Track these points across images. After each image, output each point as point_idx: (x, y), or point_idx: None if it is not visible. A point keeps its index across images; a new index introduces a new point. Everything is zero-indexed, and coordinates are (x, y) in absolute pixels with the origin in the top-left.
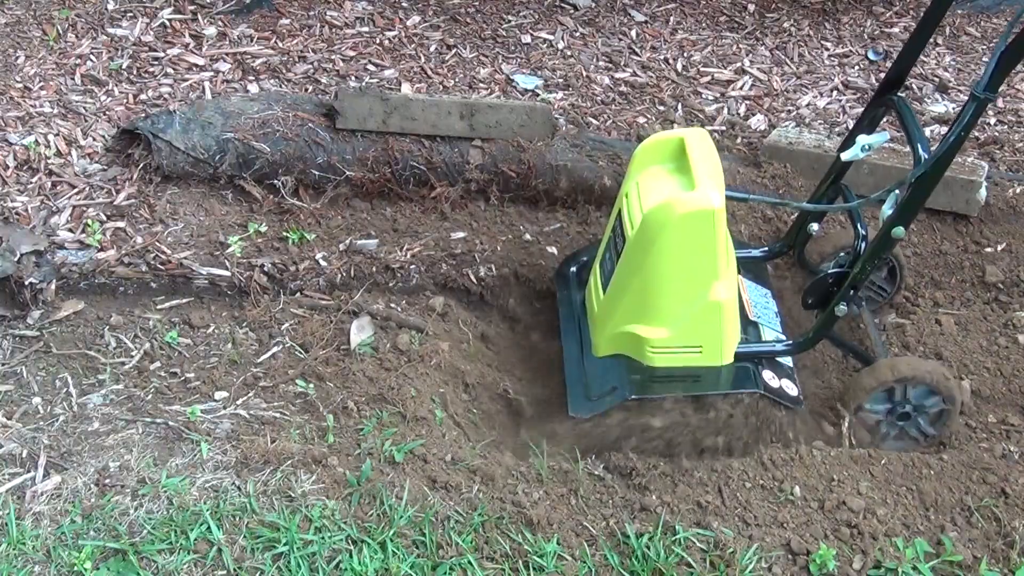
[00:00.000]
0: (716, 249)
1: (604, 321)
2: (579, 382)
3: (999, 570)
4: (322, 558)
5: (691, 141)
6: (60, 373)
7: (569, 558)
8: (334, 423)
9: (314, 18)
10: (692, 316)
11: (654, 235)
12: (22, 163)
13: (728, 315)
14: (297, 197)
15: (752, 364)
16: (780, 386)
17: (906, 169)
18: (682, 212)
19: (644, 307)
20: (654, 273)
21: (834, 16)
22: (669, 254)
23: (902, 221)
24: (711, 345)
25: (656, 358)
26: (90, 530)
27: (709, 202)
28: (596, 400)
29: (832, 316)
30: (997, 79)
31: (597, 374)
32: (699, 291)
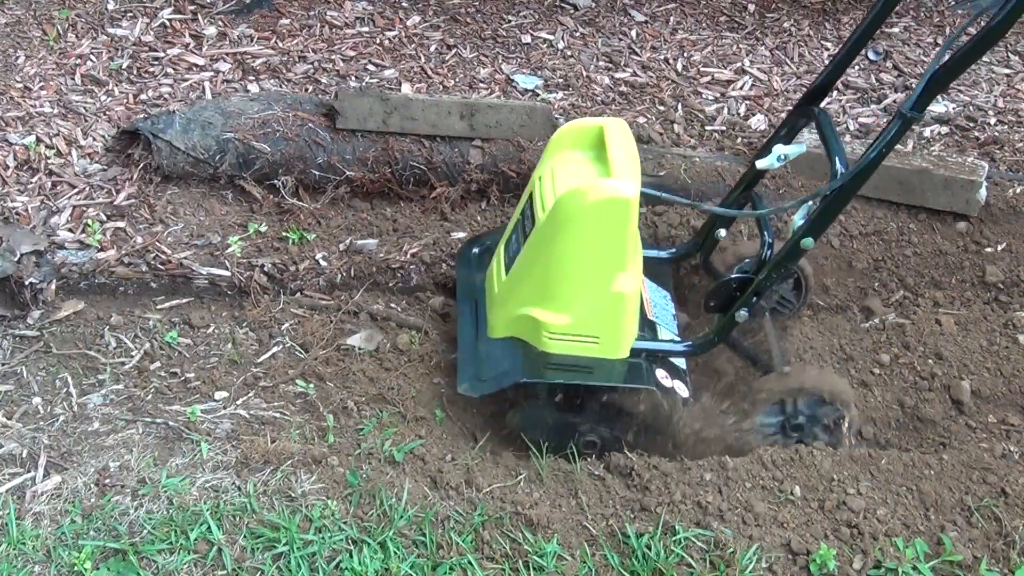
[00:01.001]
0: (626, 240)
1: (503, 303)
2: (470, 361)
3: (999, 570)
4: (322, 558)
5: (611, 130)
6: (60, 373)
7: (569, 558)
8: (334, 423)
9: (314, 18)
10: (593, 305)
11: (565, 219)
12: (22, 163)
13: (629, 308)
14: (297, 197)
15: (646, 362)
16: (672, 386)
17: (904, 170)
18: (596, 199)
19: (545, 291)
20: (560, 258)
21: (834, 16)
22: (578, 240)
23: (812, 232)
24: (609, 337)
25: (552, 344)
26: (90, 530)
27: (624, 191)
28: (486, 380)
29: (732, 321)
30: (924, 100)
31: (490, 355)
32: (603, 281)
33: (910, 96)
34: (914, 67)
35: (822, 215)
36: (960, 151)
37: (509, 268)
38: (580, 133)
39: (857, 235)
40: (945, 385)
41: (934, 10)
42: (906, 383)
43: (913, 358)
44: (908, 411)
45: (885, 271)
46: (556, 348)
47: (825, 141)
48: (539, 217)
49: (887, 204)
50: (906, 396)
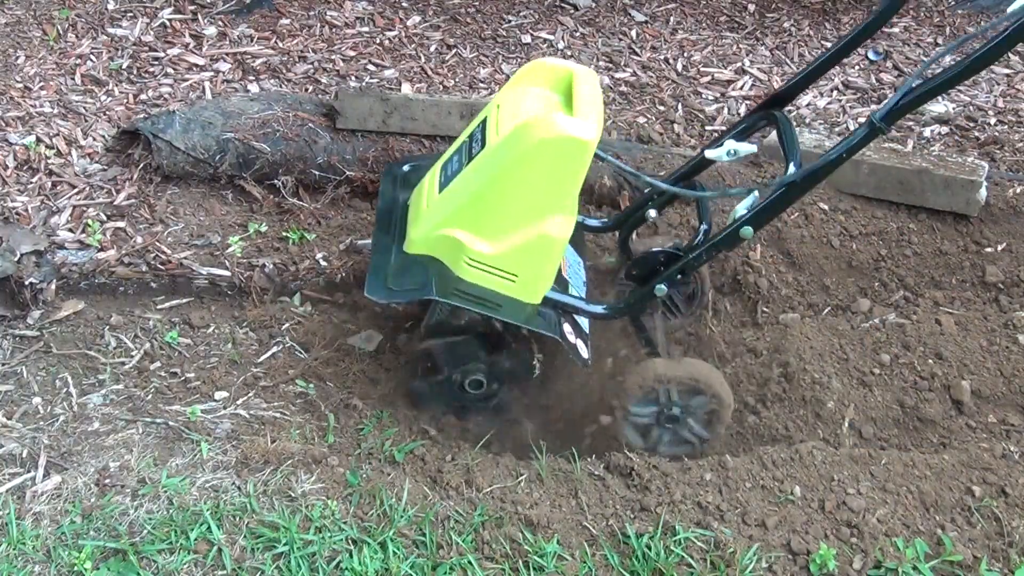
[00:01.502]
0: (574, 183)
1: (429, 219)
2: (382, 270)
3: (999, 570)
4: (322, 558)
5: (580, 76)
6: (60, 373)
7: (569, 558)
8: (334, 423)
9: (314, 18)
10: (521, 241)
11: (519, 147)
12: (22, 163)
13: (554, 254)
14: (297, 197)
15: (555, 313)
16: (576, 344)
17: (904, 170)
18: (556, 134)
19: (477, 216)
20: (503, 184)
21: (834, 16)
22: (526, 170)
23: (753, 223)
24: (528, 278)
25: (469, 271)
26: (90, 530)
27: (585, 132)
28: (396, 291)
29: (650, 293)
30: (895, 115)
31: (404, 268)
32: (538, 218)
33: (883, 106)
34: (914, 67)
35: (767, 208)
36: (960, 151)
37: (443, 186)
38: (549, 72)
39: (857, 235)
40: (945, 385)
41: (934, 10)
42: (906, 383)
43: (913, 358)
44: (908, 411)
45: (885, 271)
46: (472, 276)
47: (783, 143)
48: (491, 141)
49: (887, 204)
50: (906, 396)
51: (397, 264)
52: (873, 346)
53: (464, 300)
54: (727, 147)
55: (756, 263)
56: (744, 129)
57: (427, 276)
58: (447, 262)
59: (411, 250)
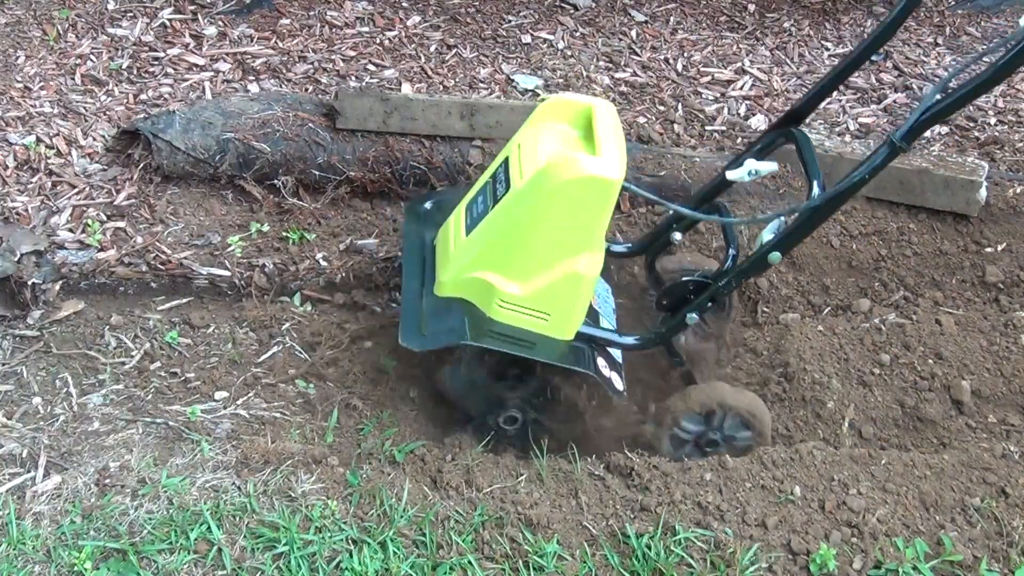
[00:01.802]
0: (601, 222)
1: (458, 262)
2: (414, 316)
3: (999, 570)
4: (322, 558)
5: (600, 111)
6: (60, 373)
7: (569, 558)
8: (334, 423)
9: (314, 18)
10: (551, 281)
11: (545, 189)
12: (22, 163)
13: (585, 291)
14: (297, 197)
15: (589, 347)
16: (611, 376)
17: (904, 170)
18: (582, 174)
19: (507, 257)
20: (530, 226)
21: (834, 16)
22: (553, 212)
23: (781, 248)
24: (560, 315)
25: (501, 312)
26: (90, 530)
27: (610, 172)
28: (428, 336)
29: (682, 322)
30: (916, 132)
31: (435, 312)
32: (567, 257)
33: (902, 126)
34: (914, 67)
35: (794, 232)
36: (960, 151)
37: (470, 228)
38: (568, 108)
39: (857, 235)
40: (945, 385)
41: (934, 10)
42: (906, 383)
43: (913, 358)
44: (908, 411)
45: (885, 271)
46: (504, 317)
47: (804, 162)
48: (515, 183)
49: (887, 204)
50: (906, 396)
51: (428, 308)
52: (873, 346)
53: (497, 342)
54: (747, 167)
55: None
56: (762, 148)
57: (459, 319)
58: (478, 304)
59: (441, 293)
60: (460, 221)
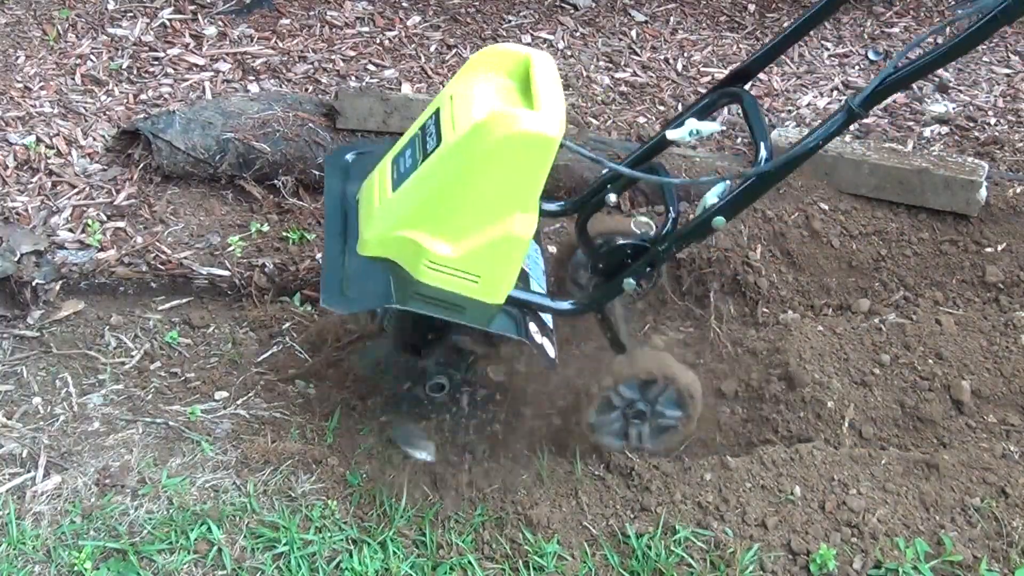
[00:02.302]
0: (538, 180)
1: (383, 220)
2: (336, 276)
3: (999, 570)
4: (322, 558)
5: (538, 63)
6: (60, 373)
7: (569, 558)
8: (334, 423)
9: (314, 18)
10: (484, 242)
11: (480, 145)
12: (22, 163)
13: (518, 253)
14: (297, 197)
15: (520, 312)
16: (543, 343)
17: (904, 170)
18: (521, 130)
19: (437, 216)
20: (463, 184)
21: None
22: (488, 169)
23: (726, 213)
24: (491, 278)
25: (429, 274)
26: (90, 530)
27: (552, 128)
28: (355, 299)
29: (618, 287)
30: (873, 100)
31: (359, 273)
32: (501, 217)
33: (860, 93)
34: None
35: (740, 196)
36: (960, 151)
37: (397, 184)
38: (505, 59)
39: (857, 235)
40: (945, 385)
41: (934, 10)
42: (906, 383)
43: (913, 358)
44: (908, 411)
45: (885, 271)
46: (432, 279)
47: (750, 124)
48: (447, 136)
49: (887, 204)
50: (906, 396)
51: (352, 269)
52: (873, 346)
53: (425, 305)
54: (689, 127)
55: (756, 263)
56: (705, 107)
57: (384, 281)
58: (405, 265)
59: (365, 252)
60: (386, 176)
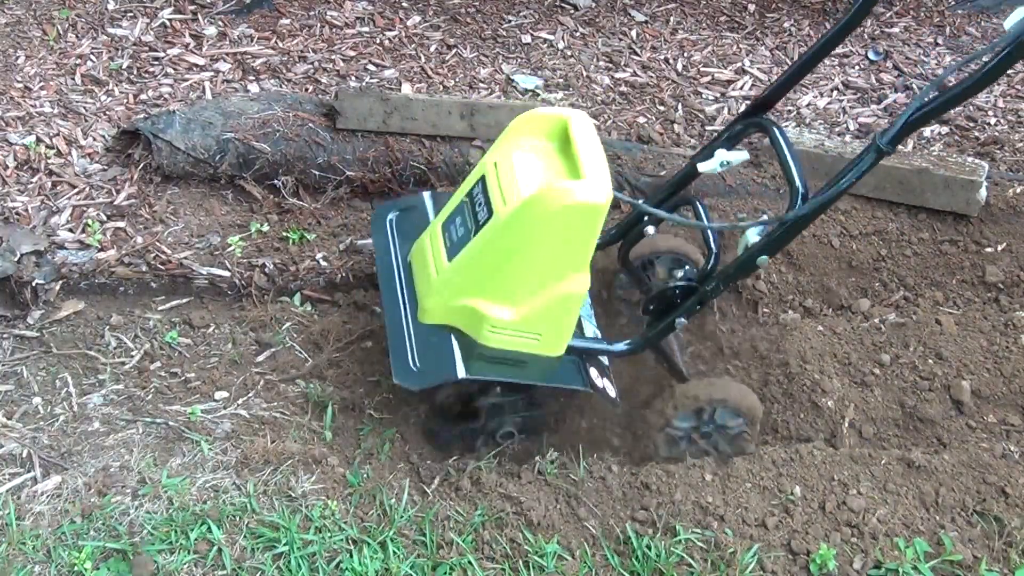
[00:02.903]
0: (590, 244)
1: (443, 289)
2: (403, 348)
3: (999, 570)
4: (322, 558)
5: (576, 125)
6: (60, 373)
7: (569, 558)
8: (334, 423)
9: (314, 18)
10: (542, 303)
11: (533, 220)
12: (22, 163)
13: (575, 309)
14: (297, 197)
15: (579, 359)
16: (603, 385)
17: (904, 170)
18: (570, 203)
19: (495, 285)
20: (520, 254)
21: (834, 16)
22: (544, 239)
23: (768, 251)
24: (551, 334)
25: (492, 338)
26: (90, 530)
27: (599, 196)
28: (425, 372)
29: (670, 327)
30: (901, 136)
31: (424, 343)
32: (558, 280)
33: (888, 130)
34: (914, 67)
35: (780, 238)
36: (960, 151)
37: (452, 253)
38: (542, 122)
39: (857, 235)
40: (945, 385)
41: (934, 10)
42: (906, 383)
43: (913, 358)
44: (908, 411)
45: (885, 271)
46: (496, 342)
47: (780, 158)
48: (498, 209)
49: (887, 204)
50: (906, 396)
51: (417, 339)
52: (873, 346)
53: (491, 369)
54: (719, 158)
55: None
56: (731, 137)
57: (451, 351)
58: (467, 331)
59: (426, 320)
60: (438, 243)
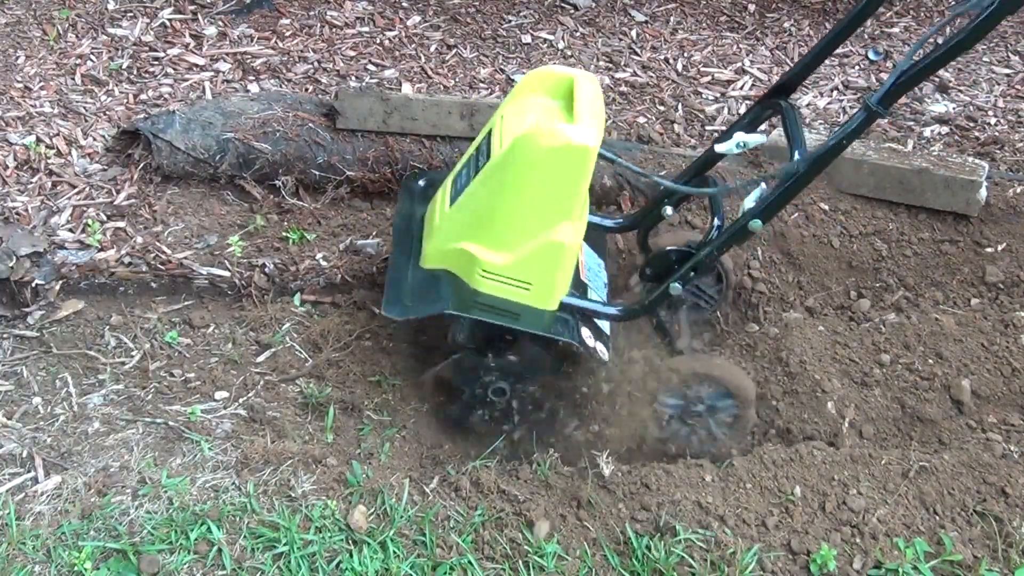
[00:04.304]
0: (578, 189)
1: (441, 234)
2: (399, 286)
3: (999, 570)
4: (322, 558)
5: (581, 82)
6: (60, 373)
7: (569, 558)
8: (334, 423)
9: (314, 18)
10: (532, 250)
11: (521, 158)
12: (22, 163)
13: (566, 260)
14: (297, 197)
15: (573, 317)
16: (595, 347)
17: (904, 170)
18: (556, 143)
19: (487, 228)
20: (509, 195)
21: (834, 16)
22: (530, 181)
23: (763, 216)
24: (542, 285)
25: (484, 283)
26: (90, 530)
27: (586, 139)
28: (412, 306)
29: (665, 292)
30: (892, 96)
31: (420, 283)
32: (547, 226)
33: (878, 91)
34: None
35: (775, 199)
36: (960, 151)
37: (454, 200)
38: (550, 80)
39: (857, 235)
40: (945, 385)
41: (934, 10)
42: (906, 383)
43: (913, 358)
44: (908, 411)
45: (885, 271)
46: (487, 288)
47: (788, 133)
48: (494, 153)
49: (887, 204)
50: (906, 396)
51: (414, 280)
52: (873, 346)
53: (482, 312)
54: (736, 139)
55: (757, 272)
56: (751, 121)
57: (442, 290)
58: (462, 275)
59: (426, 265)
60: (446, 193)
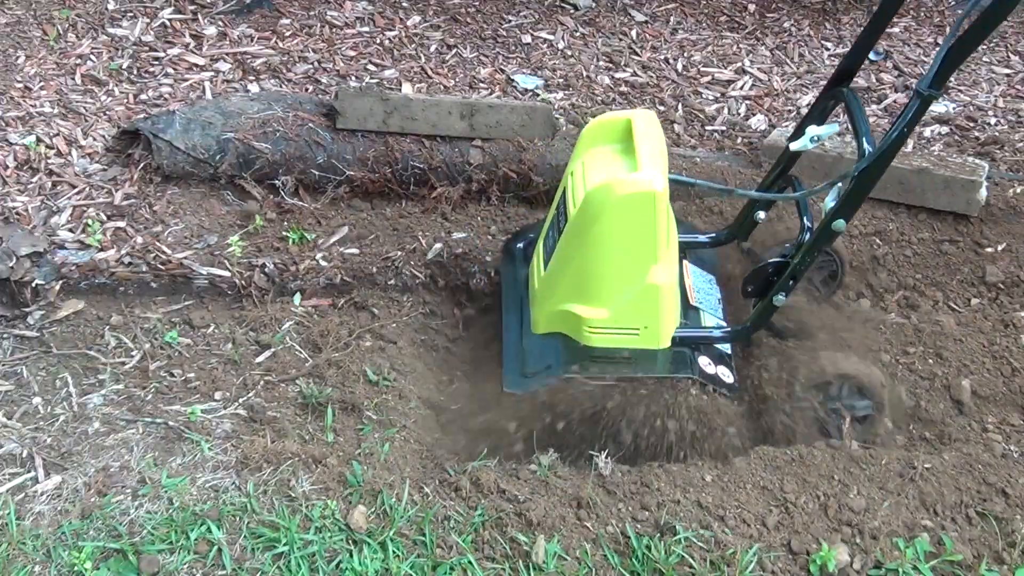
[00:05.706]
0: (656, 232)
1: (544, 298)
2: (516, 358)
3: (999, 570)
4: (322, 558)
5: (638, 122)
6: (60, 373)
7: (569, 558)
8: (334, 423)
9: (314, 18)
10: (630, 298)
11: (594, 215)
12: (22, 163)
13: (666, 299)
14: (297, 197)
15: (689, 350)
16: (716, 373)
17: (904, 170)
18: (622, 193)
19: (582, 287)
20: (592, 253)
21: (834, 16)
22: (608, 235)
23: (843, 214)
24: (649, 328)
25: (593, 338)
26: (90, 530)
27: (650, 184)
28: (530, 377)
29: (771, 306)
30: (943, 75)
31: (534, 351)
32: (637, 273)
33: (926, 75)
34: (914, 67)
35: (851, 196)
36: (960, 151)
37: (547, 264)
38: (608, 126)
39: (857, 235)
40: (945, 385)
41: (934, 10)
42: (906, 383)
43: (913, 358)
44: (908, 411)
45: (885, 271)
46: (598, 342)
47: (853, 122)
48: (571, 213)
49: (887, 204)
50: (906, 396)
51: (528, 348)
52: (873, 346)
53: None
54: (809, 135)
55: None
56: (819, 113)
57: (556, 354)
58: (571, 334)
59: (537, 331)
60: (540, 257)
